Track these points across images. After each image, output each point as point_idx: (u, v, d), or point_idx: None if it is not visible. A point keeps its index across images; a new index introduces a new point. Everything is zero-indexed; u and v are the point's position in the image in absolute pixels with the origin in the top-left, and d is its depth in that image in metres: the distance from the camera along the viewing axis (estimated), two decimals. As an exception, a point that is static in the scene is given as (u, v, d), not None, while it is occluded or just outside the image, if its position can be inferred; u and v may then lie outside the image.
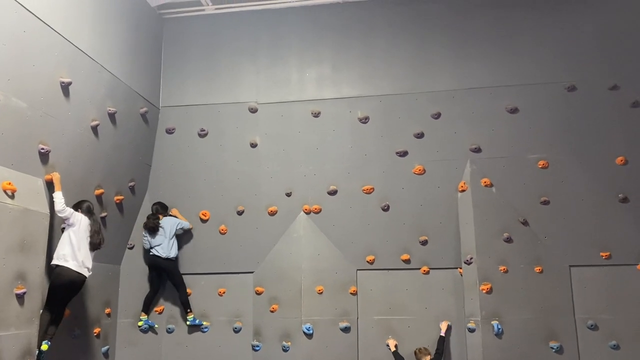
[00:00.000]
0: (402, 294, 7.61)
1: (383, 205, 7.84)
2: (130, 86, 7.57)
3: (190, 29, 8.63)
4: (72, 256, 5.97)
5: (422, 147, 7.89)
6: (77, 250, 6.01)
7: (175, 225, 7.78)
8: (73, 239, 6.02)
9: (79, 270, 6.02)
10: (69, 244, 6.00)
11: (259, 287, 7.81)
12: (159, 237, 7.70)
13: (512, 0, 8.00)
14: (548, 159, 7.55)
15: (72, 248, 5.99)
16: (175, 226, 7.78)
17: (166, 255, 7.66)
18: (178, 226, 7.81)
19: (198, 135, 8.33)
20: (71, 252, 5.98)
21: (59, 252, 5.99)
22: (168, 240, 7.69)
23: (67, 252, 5.97)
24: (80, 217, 6.18)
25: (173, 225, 7.77)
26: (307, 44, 8.38)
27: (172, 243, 7.75)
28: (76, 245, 6.02)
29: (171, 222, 7.80)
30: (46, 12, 5.85)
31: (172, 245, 7.74)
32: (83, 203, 6.40)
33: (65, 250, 5.98)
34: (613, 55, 7.63)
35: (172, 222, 7.81)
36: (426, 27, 8.14)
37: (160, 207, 7.97)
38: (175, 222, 7.81)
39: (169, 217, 7.87)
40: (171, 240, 7.73)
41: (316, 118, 8.19)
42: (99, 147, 6.99)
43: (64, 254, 5.97)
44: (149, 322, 7.83)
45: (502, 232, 7.38)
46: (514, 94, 7.75)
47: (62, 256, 5.95)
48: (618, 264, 7.22)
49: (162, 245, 7.67)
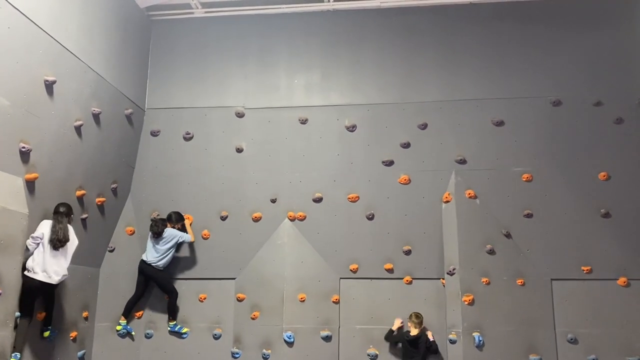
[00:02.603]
0: (385, 303, 7.58)
1: (368, 214, 7.82)
2: (116, 87, 7.48)
3: (179, 31, 8.58)
4: (40, 267, 5.91)
5: (408, 157, 7.91)
6: (46, 259, 5.94)
7: (174, 238, 7.58)
8: (42, 250, 5.96)
9: (46, 280, 5.96)
10: (39, 255, 5.94)
11: (240, 294, 7.73)
12: (158, 246, 7.54)
13: (501, 14, 8.09)
14: (532, 172, 7.61)
15: (41, 258, 5.93)
16: (175, 239, 7.58)
17: (153, 262, 7.51)
18: (179, 239, 7.61)
19: (183, 139, 8.25)
20: (40, 263, 5.92)
21: (29, 263, 5.91)
22: (164, 251, 7.52)
23: (37, 263, 5.91)
24: (43, 229, 6.01)
25: (172, 239, 7.57)
26: (297, 51, 8.38)
27: (166, 255, 7.55)
28: (46, 255, 5.95)
29: (172, 234, 7.60)
30: (32, 9, 5.77)
31: (165, 257, 7.53)
32: (57, 205, 6.25)
33: (35, 261, 5.92)
34: (598, 72, 7.74)
35: (173, 235, 7.59)
36: (415, 38, 8.19)
37: (175, 216, 7.74)
38: (175, 236, 7.59)
39: (173, 230, 7.63)
40: (167, 252, 7.54)
41: (303, 125, 8.17)
42: (82, 148, 6.89)
43: (32, 265, 5.90)
44: (127, 327, 7.68)
45: (485, 244, 7.40)
46: (500, 107, 7.82)
47: (31, 267, 5.90)
48: (599, 278, 7.29)
49: (154, 252, 7.52)
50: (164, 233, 7.55)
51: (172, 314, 7.71)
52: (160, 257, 7.53)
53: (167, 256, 7.58)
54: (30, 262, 5.91)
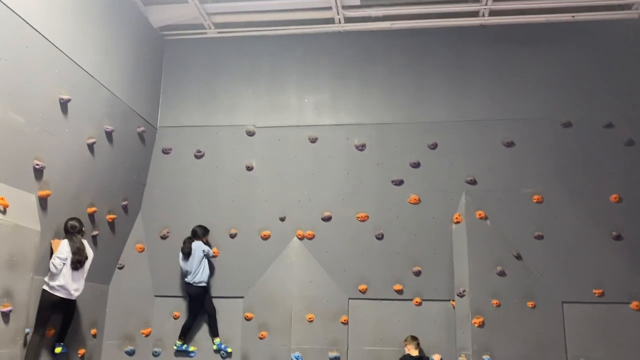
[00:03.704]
0: (394, 325, 7.51)
1: (377, 234, 7.80)
2: (129, 105, 7.58)
3: (192, 51, 8.70)
4: (61, 283, 6.13)
5: (418, 176, 7.91)
6: (66, 276, 6.16)
7: (200, 249, 7.57)
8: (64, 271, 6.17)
9: (67, 296, 6.21)
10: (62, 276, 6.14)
11: (248, 313, 7.70)
12: (189, 263, 7.54)
13: (511, 36, 8.14)
14: (543, 193, 7.58)
15: (62, 275, 6.14)
16: (199, 251, 7.56)
17: (193, 281, 7.48)
18: (202, 251, 7.58)
19: (194, 157, 8.31)
20: (61, 280, 6.13)
21: (51, 282, 6.11)
22: (196, 266, 7.48)
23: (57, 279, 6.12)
24: (65, 248, 6.18)
25: (199, 250, 7.57)
26: (307, 71, 8.46)
27: (201, 268, 7.52)
28: (66, 272, 6.17)
29: (198, 246, 7.59)
30: (49, 29, 5.89)
31: (200, 271, 7.50)
32: (67, 222, 6.39)
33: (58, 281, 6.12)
34: (608, 94, 7.75)
35: (199, 246, 7.58)
36: (425, 58, 8.24)
37: (200, 230, 7.73)
38: (199, 247, 7.57)
39: (197, 243, 7.63)
40: (199, 265, 7.51)
41: (313, 144, 8.21)
42: (94, 165, 6.95)
43: (52, 282, 6.11)
44: (182, 347, 7.62)
45: (496, 266, 7.34)
46: (511, 128, 7.82)
47: (52, 284, 6.11)
48: (611, 302, 7.19)
49: (191, 271, 7.50)
50: (193, 248, 7.55)
51: (214, 331, 7.65)
52: (197, 273, 7.47)
53: (201, 270, 7.51)
54: (52, 280, 6.10)
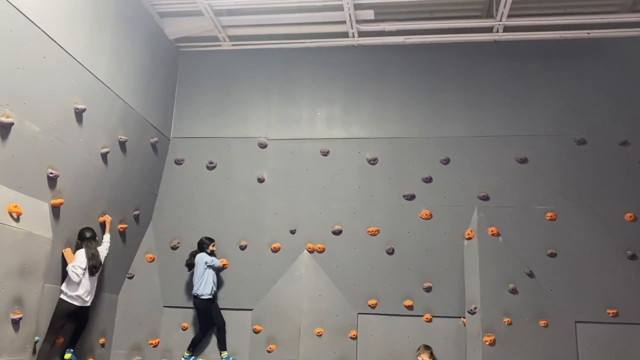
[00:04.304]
0: (404, 341, 7.42)
1: (388, 248, 7.75)
2: (143, 116, 7.64)
3: (206, 63, 8.77)
4: (77, 292, 6.26)
5: (429, 191, 7.86)
6: (83, 284, 6.31)
7: (202, 261, 7.49)
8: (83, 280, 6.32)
9: (82, 304, 6.35)
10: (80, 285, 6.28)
11: (257, 326, 7.66)
12: (194, 275, 7.51)
13: (525, 52, 8.12)
14: (556, 211, 7.50)
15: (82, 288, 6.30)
16: (202, 263, 7.49)
17: (196, 293, 7.42)
18: (206, 263, 7.50)
19: (206, 168, 8.34)
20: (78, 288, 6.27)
21: (69, 292, 6.23)
22: (198, 278, 7.43)
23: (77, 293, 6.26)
24: (82, 256, 6.30)
25: (201, 262, 7.49)
26: (320, 84, 8.48)
27: (203, 280, 7.42)
28: (84, 284, 6.32)
29: (200, 259, 7.53)
30: (66, 39, 5.97)
31: (202, 283, 7.41)
32: (81, 231, 6.51)
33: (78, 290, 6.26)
34: (624, 111, 7.69)
35: (201, 258, 7.53)
36: (438, 73, 8.24)
37: (207, 240, 7.68)
38: (202, 260, 7.51)
39: (201, 255, 7.59)
40: (202, 277, 7.43)
41: (325, 157, 8.20)
42: (107, 175, 6.99)
43: (72, 295, 6.23)
44: (189, 359, 7.51)
45: (508, 283, 7.25)
46: (524, 144, 7.78)
47: (69, 293, 6.24)
48: (625, 322, 7.07)
49: (196, 284, 7.45)
50: (196, 260, 7.54)
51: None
52: (199, 286, 7.41)
53: (204, 282, 7.42)
54: (70, 290, 6.22)
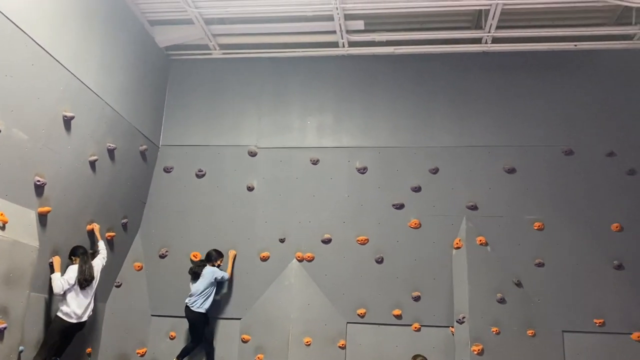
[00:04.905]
0: (392, 350, 7.42)
1: (377, 257, 7.76)
2: (132, 123, 7.61)
3: (196, 71, 8.77)
4: (73, 310, 6.26)
5: (418, 201, 7.89)
6: (79, 301, 6.31)
7: (212, 275, 7.35)
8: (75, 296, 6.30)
9: (78, 320, 6.34)
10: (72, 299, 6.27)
11: (245, 335, 7.62)
12: (196, 286, 7.35)
13: (513, 63, 8.20)
14: (544, 220, 7.55)
15: (75, 301, 6.28)
16: (212, 276, 7.35)
17: (192, 305, 7.27)
18: (217, 277, 7.38)
19: (196, 176, 8.32)
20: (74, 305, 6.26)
21: (63, 309, 6.24)
22: (201, 291, 7.28)
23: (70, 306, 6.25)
24: (71, 274, 6.28)
25: (210, 276, 7.33)
26: (310, 93, 8.51)
27: (206, 295, 7.29)
28: (78, 297, 6.31)
29: (210, 271, 7.38)
30: (55, 47, 5.94)
31: (203, 298, 7.27)
32: (75, 249, 6.53)
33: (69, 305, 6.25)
34: (610, 123, 7.78)
35: (212, 272, 7.38)
36: (428, 83, 8.30)
37: (215, 254, 7.59)
38: (213, 273, 7.38)
39: (211, 268, 7.45)
40: (205, 291, 7.28)
41: (315, 165, 8.22)
42: (95, 183, 6.95)
43: (67, 309, 6.24)
44: None
45: (496, 292, 7.28)
46: (512, 155, 7.84)
47: (66, 311, 6.26)
48: (612, 332, 7.12)
49: (195, 295, 7.28)
50: (203, 272, 7.40)
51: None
52: (199, 297, 7.27)
53: (207, 297, 7.30)
54: (64, 307, 6.23)
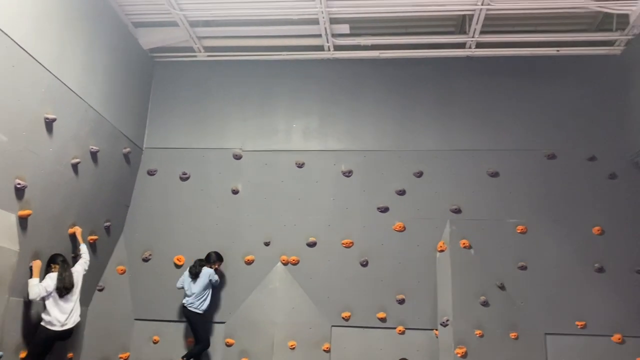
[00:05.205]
0: (377, 353, 7.43)
1: (362, 261, 7.77)
2: (116, 126, 7.54)
3: (181, 73, 8.72)
4: (55, 318, 6.15)
5: (403, 204, 7.93)
6: (61, 309, 6.20)
7: (207, 276, 7.40)
8: (54, 304, 6.18)
9: (62, 328, 6.22)
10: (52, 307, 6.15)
11: (229, 339, 7.58)
12: (194, 287, 7.36)
13: (497, 68, 8.27)
14: (527, 224, 7.63)
15: (56, 309, 6.16)
16: (207, 277, 7.39)
17: (193, 307, 7.30)
18: (211, 279, 7.42)
19: (180, 179, 8.26)
20: (56, 313, 6.15)
21: (45, 317, 6.14)
22: (199, 292, 7.31)
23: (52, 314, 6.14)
24: (50, 282, 6.16)
25: (206, 276, 7.39)
26: (296, 96, 8.51)
27: (205, 295, 7.35)
28: (58, 304, 6.19)
29: (206, 272, 7.42)
30: (37, 48, 5.86)
31: (203, 298, 7.33)
32: (54, 257, 6.41)
33: (51, 314, 6.14)
34: (592, 128, 7.89)
35: (208, 273, 7.42)
36: (412, 87, 8.34)
37: (214, 256, 7.61)
38: (208, 274, 7.41)
39: (207, 269, 7.47)
40: (204, 292, 7.35)
41: (300, 169, 8.21)
42: (78, 185, 6.88)
43: (49, 318, 6.13)
44: None
45: (479, 295, 7.33)
46: (496, 158, 7.91)
47: (48, 320, 6.14)
48: (594, 334, 7.21)
49: (194, 295, 7.30)
50: (202, 273, 7.41)
51: (190, 355, 7.30)
52: (196, 299, 7.30)
53: (204, 297, 7.36)
54: (46, 316, 6.12)
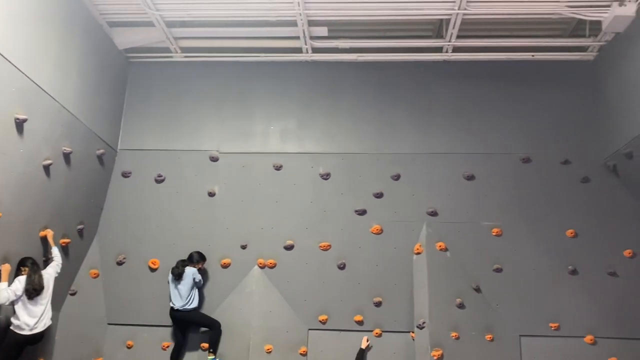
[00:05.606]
0: (353, 356, 7.39)
1: (339, 264, 7.76)
2: (89, 127, 7.41)
3: (157, 74, 8.61)
4: (25, 321, 6.04)
5: (380, 207, 7.94)
6: (30, 312, 6.08)
7: (191, 275, 7.39)
8: (23, 307, 6.07)
9: (31, 332, 6.11)
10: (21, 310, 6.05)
11: (205, 343, 7.49)
12: (180, 287, 7.33)
13: (474, 73, 8.34)
14: (502, 227, 7.70)
15: (24, 313, 6.05)
16: (191, 277, 7.38)
17: (181, 305, 7.29)
18: (195, 278, 7.41)
19: (155, 181, 8.15)
20: (25, 317, 6.05)
21: (14, 321, 6.05)
22: (187, 292, 7.31)
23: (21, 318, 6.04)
24: (19, 286, 6.04)
25: (190, 276, 7.38)
26: (274, 98, 8.46)
27: (191, 296, 7.35)
28: (27, 308, 6.08)
29: (191, 272, 7.41)
30: (7, 47, 5.71)
31: (190, 296, 7.34)
32: (24, 260, 6.27)
33: (20, 318, 6.04)
34: (566, 132, 8.00)
35: (192, 273, 7.42)
36: (390, 91, 8.37)
37: (197, 256, 7.58)
38: (193, 274, 7.41)
39: (190, 268, 7.44)
40: (190, 292, 7.34)
41: (278, 171, 8.17)
42: (50, 187, 6.73)
43: (18, 322, 6.03)
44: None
45: (455, 298, 7.38)
46: (472, 162, 7.97)
47: (17, 324, 6.05)
48: (567, 335, 7.31)
49: (179, 297, 7.29)
50: (185, 273, 7.38)
51: (213, 346, 7.33)
52: (186, 300, 7.30)
53: (192, 297, 7.37)
54: (15, 320, 6.02)
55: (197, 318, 7.47)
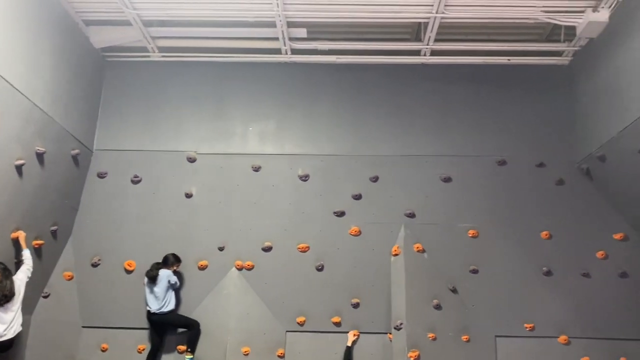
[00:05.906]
0: (331, 358, 7.42)
1: (317, 265, 7.76)
2: (64, 126, 7.28)
3: (134, 73, 8.50)
4: None
5: (359, 208, 7.96)
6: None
7: (166, 278, 7.31)
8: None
9: (2, 339, 5.99)
10: None
11: (181, 346, 7.42)
12: (155, 290, 7.27)
13: (451, 76, 8.41)
14: (478, 228, 7.78)
15: None
16: (166, 279, 7.31)
17: (157, 309, 7.23)
18: (170, 280, 7.33)
19: (131, 182, 8.04)
20: None
21: None
22: (163, 295, 7.26)
23: None
24: None
25: (165, 279, 7.31)
26: (253, 99, 8.42)
27: (167, 297, 7.30)
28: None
29: (164, 274, 7.34)
30: (-22, 45, 5.61)
31: (166, 299, 7.29)
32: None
33: None
34: (540, 135, 8.12)
35: (167, 275, 7.34)
36: (369, 93, 8.40)
37: (172, 258, 7.49)
38: (168, 276, 7.34)
39: (164, 270, 7.37)
40: (166, 295, 7.28)
41: (256, 172, 8.13)
42: (22, 188, 6.59)
43: None
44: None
45: (432, 299, 7.43)
46: (449, 164, 8.04)
47: None
48: (541, 336, 7.42)
49: (155, 300, 7.25)
50: (160, 275, 7.31)
51: (191, 346, 7.26)
52: (163, 303, 7.26)
53: (168, 299, 7.32)
54: None
55: (175, 320, 7.43)
